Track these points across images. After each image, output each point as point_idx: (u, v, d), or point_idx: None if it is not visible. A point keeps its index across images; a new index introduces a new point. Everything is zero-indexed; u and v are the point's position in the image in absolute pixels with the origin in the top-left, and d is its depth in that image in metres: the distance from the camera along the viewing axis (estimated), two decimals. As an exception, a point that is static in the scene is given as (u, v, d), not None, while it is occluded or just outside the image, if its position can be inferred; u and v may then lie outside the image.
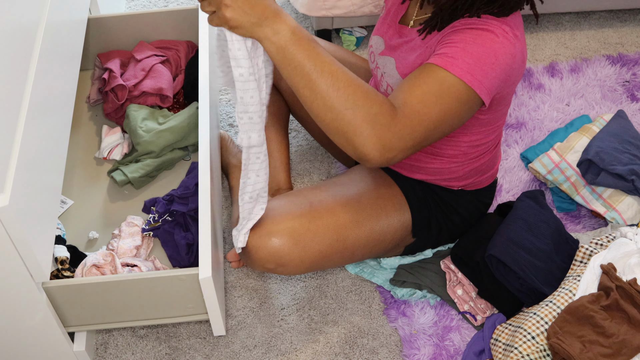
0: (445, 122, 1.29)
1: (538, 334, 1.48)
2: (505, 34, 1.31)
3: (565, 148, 1.87)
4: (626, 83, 2.17)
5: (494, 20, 1.32)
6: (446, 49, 1.31)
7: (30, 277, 1.31)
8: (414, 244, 1.67)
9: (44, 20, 1.42)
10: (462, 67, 1.28)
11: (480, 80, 1.29)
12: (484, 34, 1.30)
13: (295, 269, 1.52)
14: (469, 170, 1.58)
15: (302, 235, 1.51)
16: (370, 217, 1.57)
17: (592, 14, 2.38)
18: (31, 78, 1.32)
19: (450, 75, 1.28)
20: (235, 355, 1.66)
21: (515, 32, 1.33)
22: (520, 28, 1.37)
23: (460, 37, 1.31)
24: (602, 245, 1.62)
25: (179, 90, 1.97)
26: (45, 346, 1.49)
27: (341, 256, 1.57)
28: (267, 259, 1.50)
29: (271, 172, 1.80)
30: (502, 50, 1.30)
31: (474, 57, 1.28)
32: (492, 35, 1.30)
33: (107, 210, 1.78)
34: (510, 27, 1.33)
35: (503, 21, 1.32)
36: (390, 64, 1.51)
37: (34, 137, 1.30)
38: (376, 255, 1.65)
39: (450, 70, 1.27)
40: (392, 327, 1.69)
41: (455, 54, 1.29)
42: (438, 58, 1.30)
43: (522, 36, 1.36)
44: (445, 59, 1.29)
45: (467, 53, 1.28)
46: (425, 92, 1.27)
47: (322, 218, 1.53)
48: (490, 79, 1.30)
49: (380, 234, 1.59)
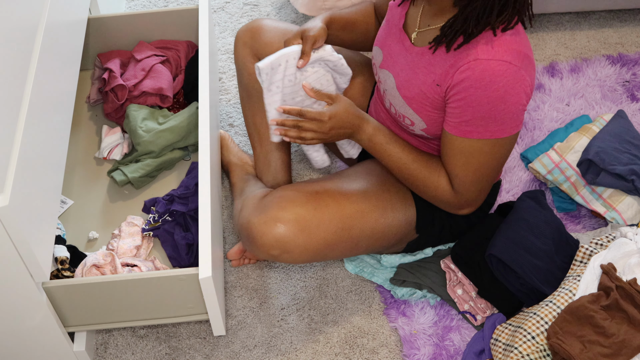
0: (494, 171, 1.48)
1: (538, 334, 1.48)
2: (505, 58, 1.34)
3: (565, 148, 1.87)
4: (626, 83, 2.17)
5: (500, 51, 1.34)
6: (458, 114, 1.40)
7: (30, 277, 1.31)
8: (417, 240, 1.67)
9: (44, 20, 1.42)
10: (480, 130, 1.40)
11: (501, 129, 1.39)
12: (487, 77, 1.34)
13: (299, 256, 1.52)
14: None
15: (308, 222, 1.50)
16: (376, 208, 1.57)
17: (592, 14, 2.38)
18: (31, 78, 1.32)
19: (477, 141, 1.41)
20: (235, 355, 1.66)
21: (522, 60, 1.36)
22: (523, 35, 1.39)
23: (467, 99, 1.37)
24: (602, 245, 1.62)
25: (179, 90, 1.97)
26: (45, 346, 1.49)
27: (345, 246, 1.57)
28: (272, 244, 1.49)
29: (271, 172, 1.81)
30: (507, 90, 1.36)
31: (485, 116, 1.38)
32: (496, 77, 1.34)
33: (107, 210, 1.78)
34: (517, 55, 1.35)
35: (509, 47, 1.35)
36: (390, 80, 1.52)
37: (34, 137, 1.30)
38: (379, 248, 1.65)
39: (473, 137, 1.41)
40: (392, 327, 1.69)
41: (469, 119, 1.39)
42: (456, 129, 1.42)
43: (525, 45, 1.38)
44: (464, 129, 1.41)
45: (478, 115, 1.38)
46: (469, 167, 1.45)
47: (328, 206, 1.53)
48: (511, 119, 1.39)
49: (385, 227, 1.59)
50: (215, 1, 2.44)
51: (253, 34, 1.76)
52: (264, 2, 2.43)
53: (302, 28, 1.51)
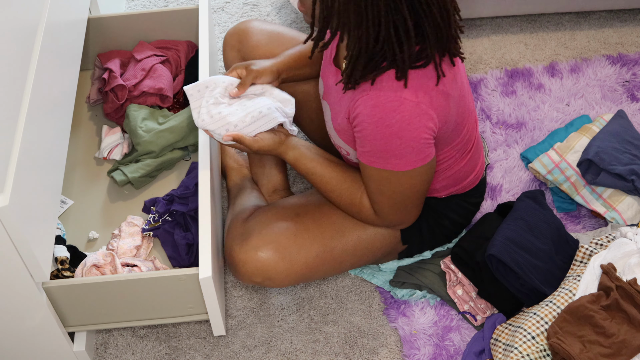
0: (415, 191, 1.45)
1: (538, 334, 1.48)
2: (407, 100, 1.31)
3: (565, 148, 1.87)
4: (626, 83, 2.17)
5: (393, 90, 1.31)
6: (361, 143, 1.39)
7: (30, 277, 1.31)
8: (406, 250, 1.67)
9: (44, 20, 1.42)
10: (387, 162, 1.38)
11: (406, 162, 1.38)
12: (375, 112, 1.32)
13: (282, 282, 1.54)
14: (446, 183, 1.58)
15: (288, 249, 1.52)
16: (357, 226, 1.58)
17: (592, 14, 2.38)
18: (31, 78, 1.32)
19: (390, 172, 1.39)
20: (235, 355, 1.66)
21: (425, 94, 1.32)
22: (434, 80, 1.34)
23: (364, 132, 1.36)
24: (602, 245, 1.62)
25: (179, 90, 1.97)
26: (45, 346, 1.49)
27: (329, 267, 1.58)
28: (253, 272, 1.52)
29: (268, 174, 1.82)
30: (399, 126, 1.32)
31: (382, 150, 1.36)
32: (394, 118, 1.32)
33: (107, 210, 1.78)
34: (417, 89, 1.31)
35: (411, 83, 1.31)
36: (327, 112, 1.52)
37: (34, 137, 1.30)
38: (367, 263, 1.66)
39: (386, 168, 1.39)
40: (392, 327, 1.69)
41: (369, 150, 1.38)
42: (365, 157, 1.41)
43: (436, 89, 1.34)
44: (369, 158, 1.40)
45: (376, 148, 1.37)
46: (388, 194, 1.44)
47: (308, 230, 1.55)
48: (412, 154, 1.36)
49: (368, 242, 1.59)
50: (215, 1, 2.44)
51: (240, 37, 1.77)
52: (264, 2, 2.43)
53: (250, 62, 1.53)
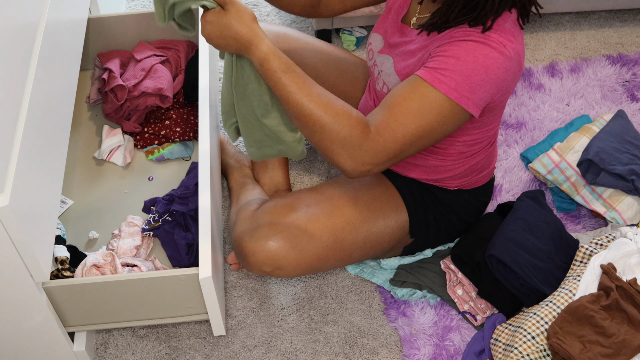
0: (423, 137, 1.33)
1: (538, 334, 1.48)
2: (503, 47, 1.31)
3: (565, 148, 1.87)
4: (626, 83, 2.17)
5: (493, 33, 1.32)
6: (438, 62, 1.32)
7: (30, 277, 1.31)
8: (412, 244, 1.67)
9: (44, 20, 1.42)
10: (450, 83, 1.30)
11: (467, 97, 1.31)
12: (479, 48, 1.30)
13: (292, 271, 1.54)
14: (466, 169, 1.58)
15: (299, 239, 1.52)
16: (367, 219, 1.57)
17: (592, 14, 2.38)
18: (31, 78, 1.32)
19: (434, 91, 1.30)
20: (235, 355, 1.66)
21: (514, 45, 1.33)
22: (520, 39, 1.36)
23: (454, 51, 1.31)
24: (602, 245, 1.62)
25: (179, 90, 1.97)
26: (45, 346, 1.49)
27: (338, 258, 1.58)
28: (264, 262, 1.52)
29: (270, 173, 1.81)
30: (496, 65, 1.31)
31: (465, 73, 1.30)
32: (488, 50, 1.30)
33: (107, 210, 1.78)
34: (509, 40, 1.32)
35: (502, 34, 1.32)
36: (388, 62, 1.51)
37: (34, 137, 1.30)
38: (374, 256, 1.66)
39: (436, 86, 1.30)
40: (392, 327, 1.69)
41: (445, 68, 1.30)
42: (427, 72, 1.32)
43: (521, 47, 1.36)
44: (434, 74, 1.31)
45: (458, 68, 1.30)
46: (405, 109, 1.31)
47: (319, 221, 1.54)
48: (479, 94, 1.32)
49: (378, 235, 1.59)
50: (215, 1, 2.44)
51: None
52: (264, 2, 2.43)
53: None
